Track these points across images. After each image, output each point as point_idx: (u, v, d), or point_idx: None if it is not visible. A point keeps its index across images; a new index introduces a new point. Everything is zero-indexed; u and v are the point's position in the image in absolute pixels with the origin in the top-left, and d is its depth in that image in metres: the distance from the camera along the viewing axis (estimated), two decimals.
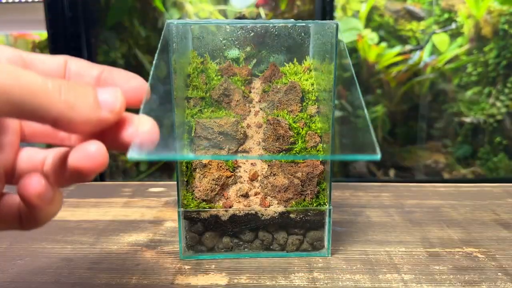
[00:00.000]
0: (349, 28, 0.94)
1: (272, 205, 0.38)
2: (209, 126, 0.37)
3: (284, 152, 0.38)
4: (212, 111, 0.39)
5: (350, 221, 0.47)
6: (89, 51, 0.80)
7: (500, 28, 0.93)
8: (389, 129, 0.98)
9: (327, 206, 0.38)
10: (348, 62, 0.35)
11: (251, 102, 0.40)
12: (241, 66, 0.40)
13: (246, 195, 0.38)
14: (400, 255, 0.39)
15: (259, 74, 0.41)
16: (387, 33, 0.97)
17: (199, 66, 0.39)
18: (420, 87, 0.97)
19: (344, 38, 0.94)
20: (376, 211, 0.50)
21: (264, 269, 0.36)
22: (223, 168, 0.38)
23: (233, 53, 0.40)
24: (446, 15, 0.96)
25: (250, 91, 0.40)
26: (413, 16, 0.97)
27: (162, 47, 0.33)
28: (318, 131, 0.38)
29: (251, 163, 0.39)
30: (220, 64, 0.40)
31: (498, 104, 0.93)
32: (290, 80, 0.40)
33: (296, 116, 0.39)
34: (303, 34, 0.40)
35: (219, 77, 0.39)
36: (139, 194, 0.56)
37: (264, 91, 0.40)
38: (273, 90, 0.40)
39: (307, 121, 0.39)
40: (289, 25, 0.39)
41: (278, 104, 0.39)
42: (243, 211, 0.37)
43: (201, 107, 0.39)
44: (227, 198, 0.38)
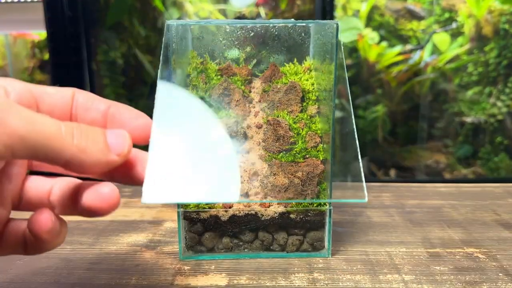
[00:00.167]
0: (350, 28, 0.94)
1: (272, 205, 0.38)
2: None
3: (284, 152, 0.38)
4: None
5: (350, 221, 0.47)
6: (88, 51, 0.80)
7: (501, 27, 0.92)
8: (390, 129, 0.98)
9: (328, 206, 0.38)
10: (343, 70, 0.35)
11: (251, 102, 0.40)
12: (241, 66, 0.40)
13: (246, 195, 0.38)
14: (401, 255, 0.39)
15: (259, 74, 0.41)
16: (387, 32, 0.96)
17: (198, 66, 0.39)
18: (421, 86, 0.96)
19: (345, 37, 0.94)
20: (377, 211, 0.50)
21: (264, 269, 0.36)
22: None
23: (233, 53, 0.40)
24: (447, 15, 0.96)
25: (250, 91, 0.40)
26: (413, 16, 0.97)
27: (165, 49, 0.33)
28: (319, 132, 0.38)
29: (251, 163, 0.39)
30: (220, 64, 0.40)
31: (499, 104, 0.93)
32: (290, 80, 0.39)
33: (296, 116, 0.39)
34: (303, 34, 0.39)
35: (218, 77, 0.39)
36: (138, 194, 0.56)
37: (264, 91, 0.40)
38: (273, 90, 0.39)
39: (307, 122, 0.39)
40: (289, 25, 0.39)
41: (278, 104, 0.39)
42: (243, 211, 0.37)
43: None
44: None
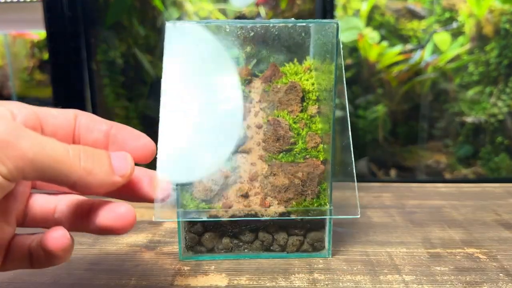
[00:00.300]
0: (350, 27, 0.94)
1: (272, 205, 0.38)
2: None
3: (284, 152, 0.38)
4: None
5: (350, 221, 0.47)
6: (88, 51, 0.80)
7: (502, 27, 0.92)
8: (390, 128, 0.98)
9: (328, 206, 0.38)
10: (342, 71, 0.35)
11: (251, 102, 0.40)
12: (241, 66, 0.40)
13: (246, 195, 0.38)
14: (401, 255, 0.39)
15: (259, 74, 0.41)
16: (388, 32, 0.96)
17: None
18: (421, 86, 0.96)
19: (345, 37, 0.94)
20: (377, 212, 0.50)
21: (264, 270, 0.36)
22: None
23: (233, 53, 0.40)
24: (447, 14, 0.96)
25: (250, 91, 0.40)
26: (414, 15, 0.97)
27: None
28: (319, 132, 0.38)
29: (251, 163, 0.39)
30: None
31: (500, 103, 0.92)
32: (290, 80, 0.39)
33: (297, 116, 0.38)
34: (303, 34, 0.39)
35: None
36: None
37: (264, 91, 0.40)
38: (273, 90, 0.39)
39: (308, 122, 0.38)
40: (289, 25, 0.38)
41: (278, 104, 0.39)
42: (243, 211, 0.37)
43: None
44: (227, 198, 0.38)
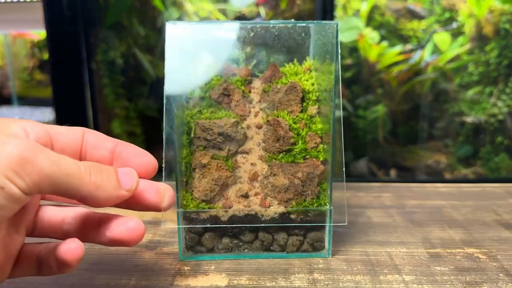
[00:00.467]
0: (350, 27, 0.94)
1: (272, 205, 0.38)
2: (208, 127, 0.37)
3: (284, 152, 0.38)
4: (212, 112, 0.38)
5: (350, 221, 0.47)
6: (88, 51, 0.79)
7: (502, 27, 0.92)
8: (390, 129, 0.98)
9: (328, 206, 0.38)
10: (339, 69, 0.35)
11: (251, 102, 0.40)
12: (241, 66, 0.40)
13: (246, 196, 0.38)
14: (401, 255, 0.39)
15: (259, 74, 0.41)
16: (388, 32, 0.96)
17: None
18: (421, 86, 0.96)
19: (345, 37, 0.94)
20: (377, 212, 0.50)
21: (264, 270, 0.36)
22: (222, 168, 0.38)
23: (233, 53, 0.40)
24: (447, 14, 0.96)
25: (250, 91, 0.40)
26: (414, 15, 0.97)
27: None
28: (319, 132, 0.38)
29: (251, 163, 0.39)
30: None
31: (500, 103, 0.92)
32: (290, 80, 0.39)
33: (297, 116, 0.38)
34: (303, 34, 0.39)
35: (218, 77, 0.39)
36: None
37: (264, 91, 0.40)
38: (273, 90, 0.39)
39: (308, 122, 0.38)
40: (289, 25, 0.38)
41: (278, 105, 0.39)
42: (243, 211, 0.37)
43: (200, 107, 0.38)
44: (227, 198, 0.38)
